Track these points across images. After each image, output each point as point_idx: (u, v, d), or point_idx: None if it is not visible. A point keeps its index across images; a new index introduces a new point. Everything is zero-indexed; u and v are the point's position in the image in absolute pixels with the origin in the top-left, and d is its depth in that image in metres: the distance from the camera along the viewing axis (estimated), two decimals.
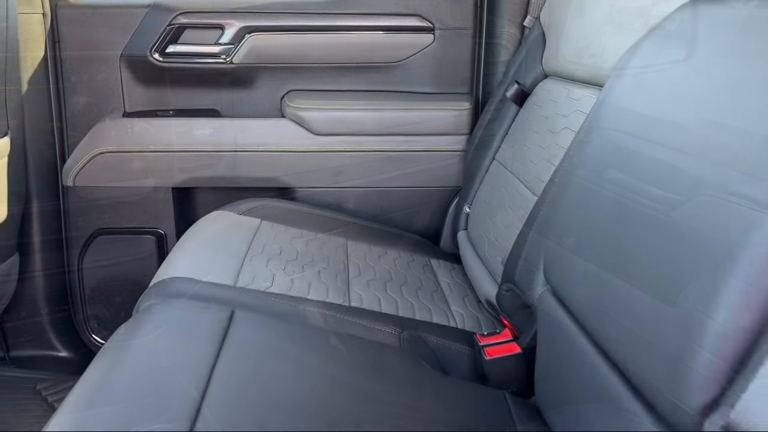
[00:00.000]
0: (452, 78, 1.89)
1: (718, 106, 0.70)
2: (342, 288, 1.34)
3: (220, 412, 0.80)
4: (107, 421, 0.74)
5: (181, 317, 1.02)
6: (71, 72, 1.83)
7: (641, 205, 0.76)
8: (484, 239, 1.48)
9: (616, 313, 0.76)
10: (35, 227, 1.80)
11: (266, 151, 1.83)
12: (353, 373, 0.97)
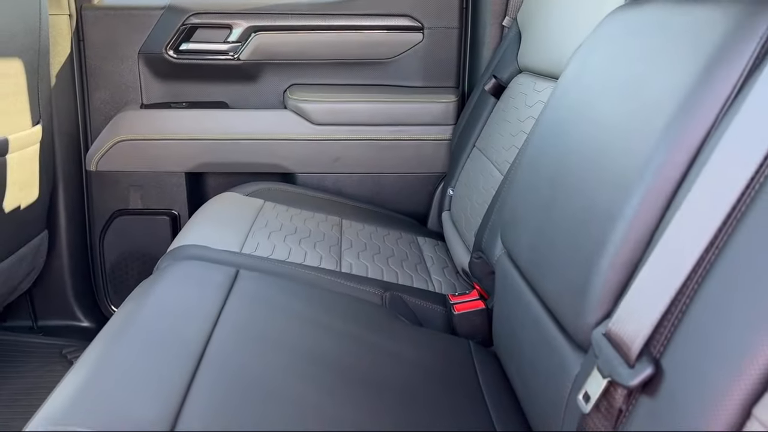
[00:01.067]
0: (439, 73, 2.06)
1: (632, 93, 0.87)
2: (335, 258, 1.52)
3: (226, 348, 0.98)
4: (134, 348, 0.92)
5: (193, 273, 1.20)
6: (94, 67, 2.02)
7: (568, 172, 0.94)
8: (462, 217, 1.66)
9: (547, 264, 0.93)
10: (61, 207, 1.99)
11: (270, 139, 2.01)
12: (338, 321, 1.15)
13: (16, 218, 1.69)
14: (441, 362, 1.14)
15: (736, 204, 0.63)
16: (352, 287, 1.35)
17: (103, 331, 0.98)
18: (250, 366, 0.93)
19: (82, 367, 0.86)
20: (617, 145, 0.82)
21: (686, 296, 0.65)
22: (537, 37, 1.60)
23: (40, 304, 2.08)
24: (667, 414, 0.63)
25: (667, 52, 0.80)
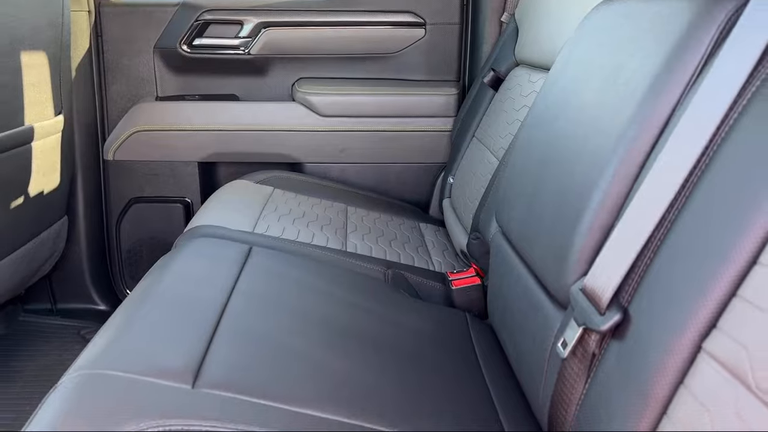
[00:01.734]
0: (441, 67, 2.15)
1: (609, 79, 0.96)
2: (340, 239, 1.61)
3: (242, 311, 1.07)
4: (158, 309, 1.01)
5: (210, 249, 1.29)
6: (112, 61, 2.12)
7: (554, 152, 1.03)
8: (462, 202, 1.75)
9: (534, 235, 1.02)
10: (80, 195, 2.09)
11: (279, 130, 2.11)
12: (344, 292, 1.25)
13: (39, 203, 1.78)
14: (439, 330, 1.23)
15: (692, 170, 0.72)
16: (356, 264, 1.44)
17: (130, 296, 1.07)
18: (263, 327, 1.02)
19: (112, 324, 0.95)
20: (596, 126, 0.91)
21: (650, 252, 0.74)
22: (533, 32, 1.68)
23: (58, 287, 2.18)
24: (633, 354, 0.72)
25: (639, 41, 0.89)
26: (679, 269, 0.70)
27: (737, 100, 0.70)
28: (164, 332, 0.94)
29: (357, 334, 1.09)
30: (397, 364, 1.04)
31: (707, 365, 0.62)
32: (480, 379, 1.08)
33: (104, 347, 0.88)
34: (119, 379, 0.81)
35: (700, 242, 0.68)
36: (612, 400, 0.73)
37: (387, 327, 1.17)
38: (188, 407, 0.79)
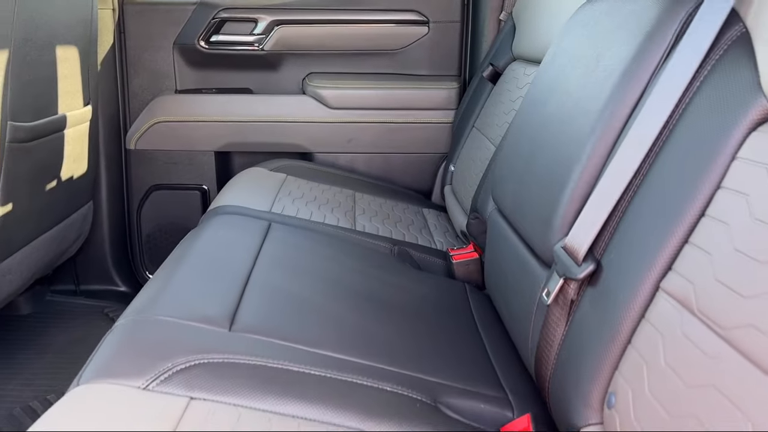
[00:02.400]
0: (443, 62, 2.29)
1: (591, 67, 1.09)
2: (350, 220, 1.74)
3: (267, 273, 1.21)
4: (195, 268, 1.15)
5: (233, 223, 1.43)
6: (134, 57, 2.26)
7: (543, 133, 1.16)
8: (462, 187, 1.88)
9: (525, 206, 1.16)
10: (103, 182, 2.22)
11: (290, 121, 2.24)
12: (355, 262, 1.38)
13: (69, 187, 1.92)
14: (441, 296, 1.36)
15: (654, 143, 0.85)
16: (365, 240, 1.58)
17: (168, 259, 1.21)
18: (286, 285, 1.16)
19: (156, 280, 1.09)
20: (578, 108, 1.05)
21: (619, 212, 0.87)
22: (528, 29, 1.82)
23: (82, 270, 2.31)
24: (604, 298, 0.85)
25: (615, 34, 1.03)
26: (642, 225, 0.83)
27: (692, 83, 0.83)
28: (202, 287, 1.07)
29: (368, 295, 1.23)
30: (403, 321, 1.17)
31: (663, 300, 0.75)
32: (477, 337, 1.21)
33: (151, 298, 1.02)
34: (167, 322, 0.95)
35: (659, 203, 0.81)
36: (587, 338, 0.86)
37: (394, 291, 1.30)
38: (226, 345, 0.93)
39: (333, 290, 1.19)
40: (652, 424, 0.69)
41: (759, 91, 0.73)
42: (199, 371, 0.86)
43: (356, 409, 0.87)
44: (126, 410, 0.79)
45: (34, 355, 1.95)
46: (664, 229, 0.78)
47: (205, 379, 0.85)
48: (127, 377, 0.84)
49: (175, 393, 0.83)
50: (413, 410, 0.90)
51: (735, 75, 0.78)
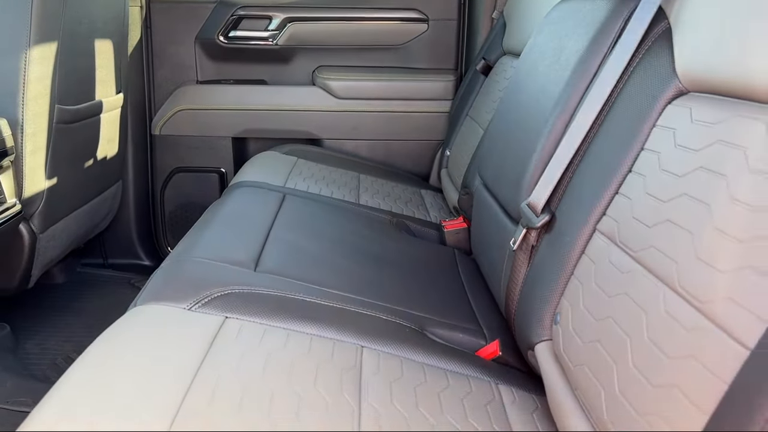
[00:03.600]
0: (441, 57, 2.50)
1: (555, 58, 1.30)
2: (354, 196, 1.95)
3: (284, 231, 1.42)
4: (222, 224, 1.36)
5: (252, 195, 1.64)
6: (159, 50, 2.47)
7: (519, 114, 1.36)
8: (455, 169, 2.09)
9: (502, 175, 1.36)
10: (130, 164, 2.44)
11: (301, 110, 2.46)
12: (359, 227, 1.59)
13: (102, 167, 2.14)
14: (432, 258, 1.57)
15: (597, 116, 1.06)
16: (367, 212, 1.79)
17: (199, 221, 1.43)
18: (299, 242, 1.37)
19: (190, 235, 1.31)
20: (543, 93, 1.25)
21: (569, 173, 1.08)
22: (516, 26, 2.02)
23: (110, 245, 2.53)
24: (556, 241, 1.06)
25: (575, 29, 1.23)
26: (586, 182, 1.04)
27: (626, 70, 1.04)
28: (230, 239, 1.29)
29: (367, 252, 1.44)
30: (397, 272, 1.39)
31: (598, 238, 0.96)
32: (461, 287, 1.42)
33: (189, 246, 1.23)
34: (204, 262, 1.17)
35: (599, 164, 1.02)
36: (542, 274, 1.07)
37: (390, 250, 1.51)
38: (252, 281, 1.14)
39: (338, 247, 1.41)
40: (583, 330, 0.90)
41: (674, 75, 0.93)
42: (231, 298, 1.08)
43: (357, 330, 1.08)
44: (175, 325, 1.01)
45: (70, 317, 2.17)
46: (601, 184, 0.99)
47: (236, 304, 1.07)
48: (175, 301, 1.05)
49: (213, 313, 1.04)
50: (403, 334, 1.11)
51: (658, 62, 0.98)
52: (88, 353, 0.93)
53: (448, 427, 0.89)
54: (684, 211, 0.78)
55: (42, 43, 1.63)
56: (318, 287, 1.19)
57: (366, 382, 0.94)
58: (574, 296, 0.96)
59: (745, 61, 0.78)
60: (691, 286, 0.71)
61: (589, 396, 0.83)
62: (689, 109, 0.87)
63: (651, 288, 0.78)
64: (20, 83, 1.60)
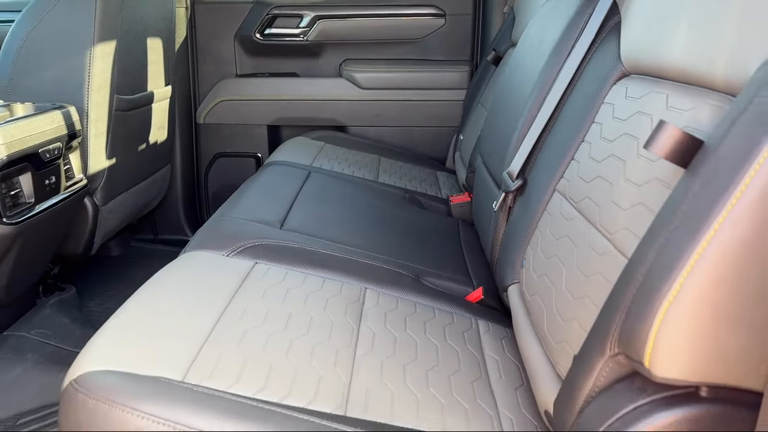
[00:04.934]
0: (457, 49, 2.70)
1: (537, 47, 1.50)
2: (373, 175, 2.18)
3: (308, 199, 1.66)
4: (256, 192, 1.61)
5: (282, 172, 1.89)
6: (202, 47, 2.74)
7: (510, 97, 1.57)
8: (466, 150, 2.30)
9: (494, 151, 1.57)
10: (177, 150, 2.72)
11: (329, 100, 2.70)
12: (374, 200, 1.82)
13: (154, 150, 2.42)
14: (438, 227, 1.79)
15: (564, 93, 1.26)
16: (383, 188, 2.02)
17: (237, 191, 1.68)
18: (320, 208, 1.61)
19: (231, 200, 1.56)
20: (526, 78, 1.46)
21: (540, 144, 1.29)
22: (522, 20, 2.21)
23: (159, 222, 2.82)
24: (526, 202, 1.26)
25: (554, 21, 1.43)
26: (551, 151, 1.24)
27: (585, 57, 1.24)
28: (262, 203, 1.54)
29: (379, 218, 1.67)
30: (404, 236, 1.61)
31: (556, 196, 1.17)
32: (459, 249, 1.64)
33: (227, 209, 1.49)
34: (239, 221, 1.42)
35: (561, 136, 1.22)
36: (515, 230, 1.28)
37: (401, 219, 1.74)
38: (278, 236, 1.39)
39: (352, 213, 1.64)
40: (537, 268, 1.11)
41: (619, 61, 1.13)
42: (260, 248, 1.32)
43: (362, 275, 1.31)
44: (216, 266, 1.26)
45: (124, 284, 2.45)
46: (562, 153, 1.20)
47: (264, 253, 1.31)
48: (216, 249, 1.30)
49: (245, 259, 1.29)
50: (401, 279, 1.34)
51: (609, 50, 1.18)
52: (147, 285, 1.18)
53: (429, 345, 1.11)
54: (610, 167, 0.98)
55: (103, 41, 1.91)
56: (332, 242, 1.42)
57: (366, 312, 1.17)
58: (535, 244, 1.17)
59: (663, 49, 0.98)
60: (605, 223, 0.92)
61: (537, 317, 1.05)
62: (626, 87, 1.07)
63: (582, 228, 0.99)
64: (85, 76, 1.88)
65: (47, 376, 1.73)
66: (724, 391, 0.67)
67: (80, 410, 0.81)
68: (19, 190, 1.61)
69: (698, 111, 0.81)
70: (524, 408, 0.99)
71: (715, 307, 0.63)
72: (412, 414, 0.90)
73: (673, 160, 0.73)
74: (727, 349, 0.64)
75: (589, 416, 0.74)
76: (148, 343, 0.94)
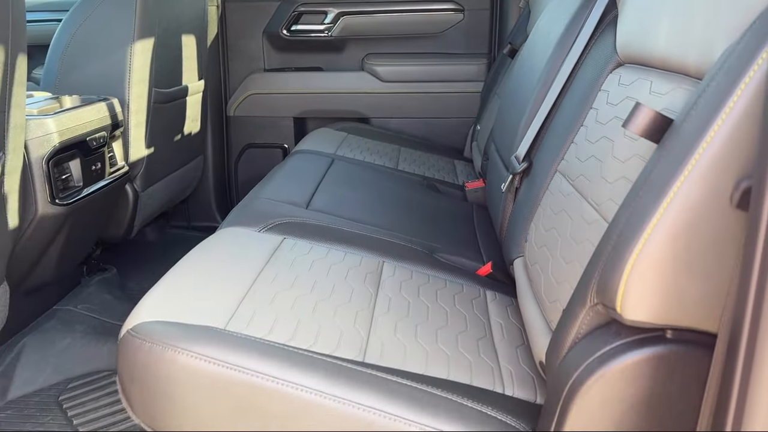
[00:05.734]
0: (475, 43, 2.80)
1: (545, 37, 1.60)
2: (393, 163, 2.31)
3: (333, 182, 1.79)
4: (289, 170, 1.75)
5: (307, 159, 2.03)
6: (232, 43, 2.89)
7: (519, 84, 1.68)
8: (482, 140, 2.40)
9: (504, 137, 1.68)
10: (209, 141, 2.88)
11: (352, 92, 2.82)
12: (393, 185, 1.95)
13: (188, 141, 2.57)
14: (454, 209, 1.91)
15: (565, 84, 1.37)
16: (403, 175, 2.14)
17: (267, 176, 1.82)
18: (342, 191, 1.75)
19: (260, 183, 1.70)
20: (533, 68, 1.57)
21: (544, 130, 1.40)
22: (536, 14, 2.31)
23: (192, 210, 2.98)
24: (531, 182, 1.37)
25: (560, 16, 1.54)
26: (554, 135, 1.35)
27: (586, 48, 1.35)
28: (289, 186, 1.68)
29: (397, 201, 1.80)
30: (421, 217, 1.73)
31: (557, 177, 1.28)
32: (472, 230, 1.75)
33: (258, 191, 1.63)
34: (268, 201, 1.56)
35: (563, 121, 1.33)
36: (521, 209, 1.39)
37: (418, 202, 1.86)
38: (303, 215, 1.52)
39: (380, 199, 1.77)
40: (538, 240, 1.22)
41: (615, 52, 1.24)
42: (288, 225, 1.46)
43: (381, 250, 1.43)
44: (248, 241, 1.39)
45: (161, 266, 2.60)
46: (563, 136, 1.30)
47: (291, 229, 1.44)
48: (248, 226, 1.44)
49: (275, 234, 1.42)
50: (417, 254, 1.46)
51: (607, 42, 1.28)
52: (189, 255, 1.32)
53: (440, 309, 1.23)
54: (601, 147, 1.09)
55: (143, 38, 2.06)
56: (352, 221, 1.55)
57: (383, 281, 1.30)
58: (537, 220, 1.28)
59: (650, 41, 1.08)
60: (595, 196, 1.03)
61: (536, 283, 1.16)
62: (619, 75, 1.17)
63: (577, 203, 1.10)
64: (126, 70, 2.03)
65: (93, 346, 1.89)
66: (686, 333, 0.78)
67: (137, 353, 0.95)
68: (69, 175, 1.77)
69: (674, 94, 0.92)
70: (523, 362, 1.10)
71: (674, 258, 0.74)
72: (422, 363, 1.02)
73: (647, 136, 0.83)
74: (687, 295, 0.75)
75: (571, 358, 0.85)
76: (192, 300, 1.08)
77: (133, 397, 0.96)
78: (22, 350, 1.81)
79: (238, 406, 0.89)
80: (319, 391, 0.89)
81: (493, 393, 0.99)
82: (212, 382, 0.90)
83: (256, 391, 0.89)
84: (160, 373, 0.91)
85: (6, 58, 1.38)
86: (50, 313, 1.98)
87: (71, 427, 1.60)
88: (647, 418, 0.81)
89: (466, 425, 0.90)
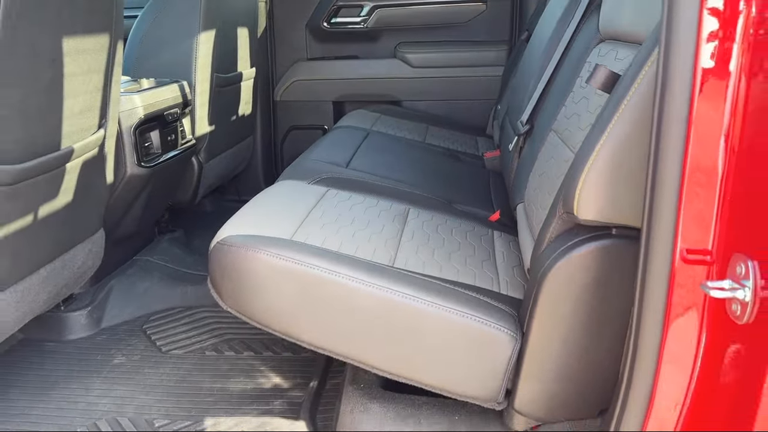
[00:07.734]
0: (496, 31, 3.09)
1: (548, 25, 1.88)
2: (422, 138, 2.61)
3: (368, 153, 2.11)
4: (325, 146, 2.08)
5: (345, 132, 2.35)
6: (279, 35, 3.23)
7: (529, 65, 1.97)
8: (501, 117, 2.69)
9: (515, 105, 1.97)
10: (258, 122, 3.22)
11: (385, 78, 3.14)
12: (418, 153, 2.25)
13: (242, 122, 2.93)
14: (473, 174, 2.21)
15: (560, 59, 1.65)
16: (429, 148, 2.45)
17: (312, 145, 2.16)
18: (375, 156, 2.06)
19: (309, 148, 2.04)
20: (537, 48, 1.85)
21: (544, 96, 1.69)
22: None
23: (242, 185, 3.34)
24: (531, 143, 1.67)
25: (560, 2, 1.82)
26: (551, 101, 1.64)
27: (578, 28, 1.63)
28: (331, 151, 2.00)
29: (423, 167, 2.11)
30: (443, 177, 2.04)
31: (551, 134, 1.57)
32: (487, 190, 2.05)
33: (305, 155, 1.96)
34: (315, 161, 1.89)
35: (558, 89, 1.62)
36: (524, 164, 1.68)
37: (440, 166, 2.17)
38: (344, 173, 1.84)
39: (402, 160, 2.09)
40: (534, 185, 1.52)
41: (598, 30, 1.52)
42: (331, 180, 1.78)
43: (407, 200, 1.74)
44: (300, 190, 1.72)
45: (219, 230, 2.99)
46: (558, 101, 1.59)
47: (334, 183, 1.77)
48: (299, 179, 1.77)
49: (321, 186, 1.75)
50: (438, 203, 1.77)
51: (593, 23, 1.57)
52: (256, 199, 1.65)
53: (453, 241, 1.54)
54: (581, 105, 1.38)
55: (206, 30, 2.41)
56: (385, 177, 1.87)
57: (408, 221, 1.61)
58: (535, 171, 1.58)
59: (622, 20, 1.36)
60: (572, 141, 1.32)
61: (530, 216, 1.46)
62: (599, 49, 1.46)
63: (560, 149, 1.39)
64: (193, 57, 2.38)
65: (169, 288, 2.25)
66: (627, 230, 1.07)
67: (226, 257, 1.28)
68: (150, 143, 2.13)
69: (629, 59, 1.21)
70: (518, 276, 1.41)
71: (613, 170, 1.03)
72: (437, 271, 1.34)
73: (603, 89, 1.13)
74: (623, 199, 1.05)
75: (544, 254, 1.15)
76: (263, 223, 1.41)
77: (223, 289, 1.30)
78: (111, 290, 2.18)
79: (302, 290, 1.22)
80: (362, 280, 1.21)
81: (491, 290, 1.30)
82: (283, 273, 1.22)
83: (315, 280, 1.22)
84: (244, 268, 1.25)
85: (110, 43, 1.73)
86: (131, 263, 2.35)
87: (155, 346, 1.96)
88: (596, 296, 1.10)
89: (467, 307, 1.20)
